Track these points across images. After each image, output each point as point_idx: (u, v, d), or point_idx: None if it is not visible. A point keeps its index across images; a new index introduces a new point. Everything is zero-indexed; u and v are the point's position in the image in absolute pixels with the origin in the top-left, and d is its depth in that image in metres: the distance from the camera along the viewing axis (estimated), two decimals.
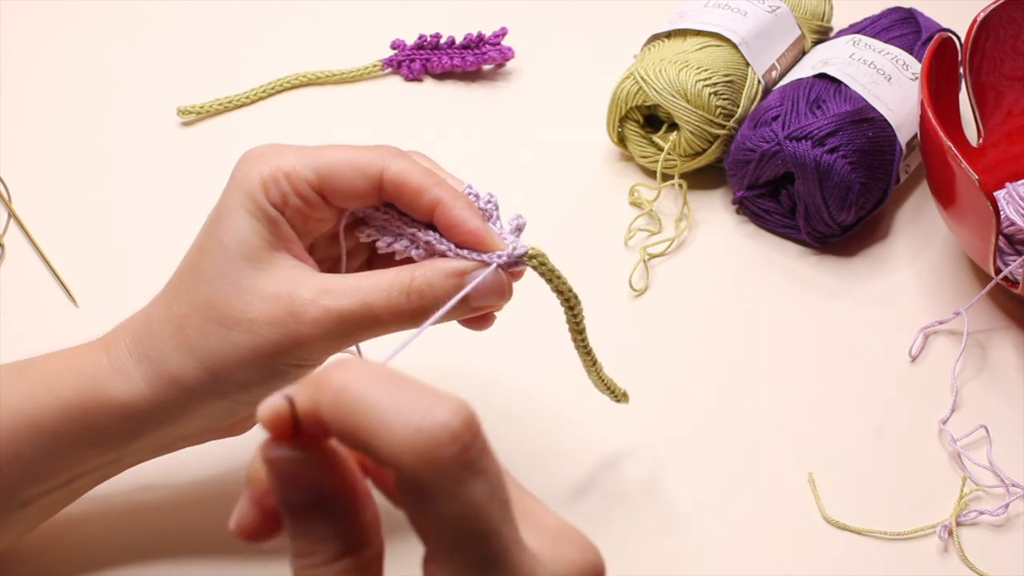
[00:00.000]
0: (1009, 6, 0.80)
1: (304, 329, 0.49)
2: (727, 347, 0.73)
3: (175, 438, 0.54)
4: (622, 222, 0.79)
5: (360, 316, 0.49)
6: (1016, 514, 0.66)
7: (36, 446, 0.51)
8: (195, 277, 0.51)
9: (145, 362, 0.51)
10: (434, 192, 0.50)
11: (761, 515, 0.65)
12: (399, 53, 0.90)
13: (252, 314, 0.49)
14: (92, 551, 0.60)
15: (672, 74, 0.79)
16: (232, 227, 0.50)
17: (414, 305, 0.49)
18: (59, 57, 0.89)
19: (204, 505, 0.62)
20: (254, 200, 0.50)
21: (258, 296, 0.49)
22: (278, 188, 0.50)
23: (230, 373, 0.50)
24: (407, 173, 0.50)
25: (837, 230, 0.78)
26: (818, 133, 0.75)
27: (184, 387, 0.50)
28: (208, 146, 0.84)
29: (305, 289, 0.49)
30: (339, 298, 0.49)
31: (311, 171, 0.50)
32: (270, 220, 0.50)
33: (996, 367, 0.73)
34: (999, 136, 0.81)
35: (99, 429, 0.51)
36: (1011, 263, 0.71)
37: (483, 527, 0.31)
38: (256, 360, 0.50)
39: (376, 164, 0.50)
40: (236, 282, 0.50)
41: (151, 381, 0.51)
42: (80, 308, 0.73)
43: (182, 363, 0.50)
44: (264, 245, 0.50)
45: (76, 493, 0.55)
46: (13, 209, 0.78)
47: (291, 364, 0.50)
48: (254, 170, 0.51)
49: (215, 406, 0.52)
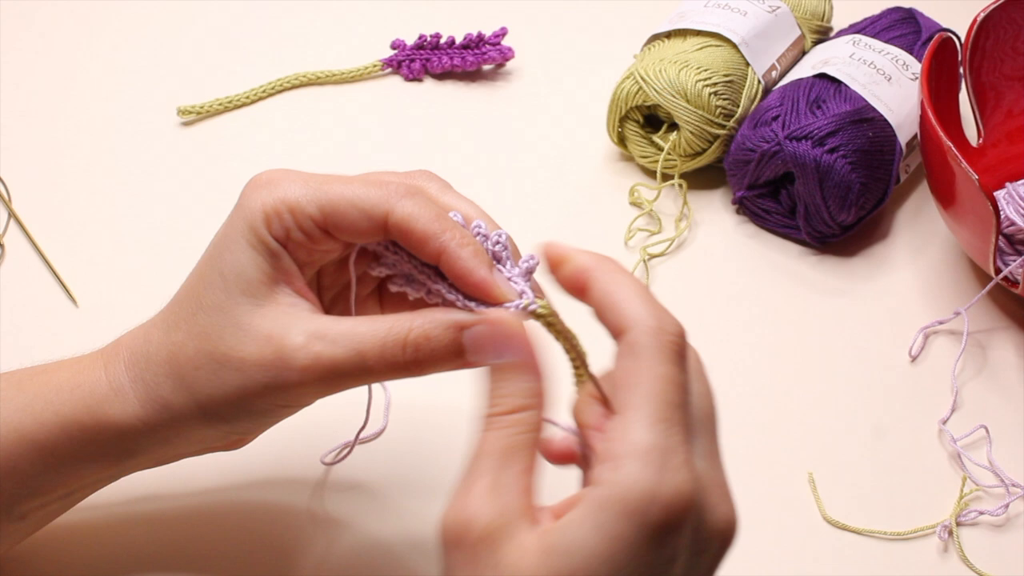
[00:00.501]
0: (1009, 6, 0.80)
1: (293, 376, 0.48)
2: (727, 347, 0.73)
3: (171, 456, 0.54)
4: (622, 222, 0.79)
5: (351, 366, 0.48)
6: (1016, 514, 0.66)
7: (34, 462, 0.51)
8: (194, 306, 0.50)
9: (140, 384, 0.51)
10: (439, 240, 0.48)
11: (761, 515, 0.65)
12: (399, 53, 0.90)
13: (243, 353, 0.49)
14: (90, 560, 0.59)
15: (672, 74, 0.79)
16: (232, 259, 0.50)
17: (408, 358, 0.48)
18: (59, 57, 0.89)
19: (204, 517, 0.62)
20: (256, 232, 0.49)
21: (251, 335, 0.49)
22: (281, 222, 0.49)
23: (218, 408, 0.50)
24: (412, 219, 0.49)
25: (837, 230, 0.78)
26: (818, 133, 0.75)
27: (175, 414, 0.50)
28: (208, 146, 0.84)
29: (298, 332, 0.48)
30: (331, 346, 0.48)
31: (315, 207, 0.49)
32: (271, 253, 0.49)
33: (996, 367, 0.73)
34: (999, 136, 0.81)
35: (97, 446, 0.51)
36: (1011, 263, 0.71)
37: (674, 391, 0.43)
38: (243, 400, 0.49)
39: (381, 207, 0.49)
40: (232, 317, 0.49)
41: (145, 404, 0.51)
42: (80, 308, 0.73)
43: (173, 392, 0.50)
44: (264, 279, 0.49)
45: (72, 503, 0.55)
46: (13, 209, 0.78)
47: (279, 405, 0.50)
48: (258, 201, 0.50)
49: (207, 433, 0.52)
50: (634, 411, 0.42)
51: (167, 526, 0.61)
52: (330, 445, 0.64)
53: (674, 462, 0.41)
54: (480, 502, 0.42)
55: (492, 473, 0.43)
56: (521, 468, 0.44)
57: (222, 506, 0.62)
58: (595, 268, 0.46)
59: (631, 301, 0.45)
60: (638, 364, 0.43)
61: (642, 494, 0.41)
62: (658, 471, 0.41)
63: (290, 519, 0.62)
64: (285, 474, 0.63)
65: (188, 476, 0.61)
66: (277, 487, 0.63)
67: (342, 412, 0.60)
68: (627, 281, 0.46)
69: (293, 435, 0.59)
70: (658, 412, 0.42)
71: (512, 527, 0.42)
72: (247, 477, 0.63)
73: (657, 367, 0.43)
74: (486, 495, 0.43)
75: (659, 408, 0.42)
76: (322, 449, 0.64)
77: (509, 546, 0.42)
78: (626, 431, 0.42)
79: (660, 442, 0.42)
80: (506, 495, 0.43)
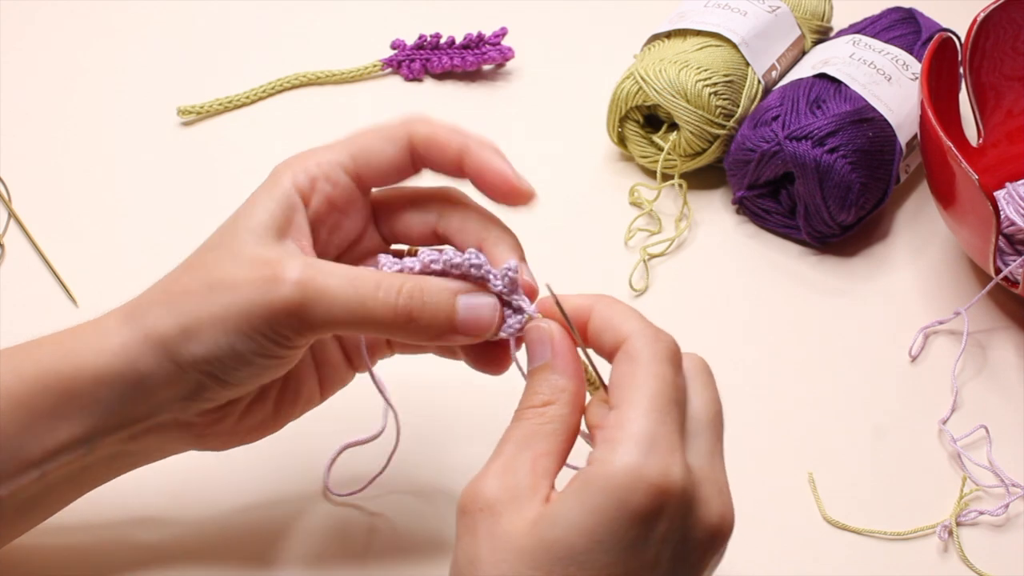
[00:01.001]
0: (1009, 6, 0.80)
1: (283, 291, 0.48)
2: (727, 347, 0.73)
3: (145, 426, 0.52)
4: (622, 222, 0.79)
5: (343, 298, 0.48)
6: (1016, 514, 0.66)
7: (10, 420, 0.50)
8: (201, 248, 0.52)
9: (129, 322, 0.51)
10: (462, 139, 0.52)
11: (761, 515, 0.65)
12: (399, 53, 0.90)
13: (237, 275, 0.49)
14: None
15: (672, 74, 0.79)
16: (249, 207, 0.51)
17: (401, 304, 0.49)
18: (59, 57, 0.89)
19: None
20: (279, 184, 0.51)
21: (248, 260, 0.49)
22: (307, 174, 0.51)
23: (201, 331, 0.49)
24: (434, 130, 0.52)
25: (837, 230, 0.78)
26: (818, 133, 0.75)
27: (154, 343, 0.49)
28: (208, 146, 0.84)
29: (296, 261, 0.49)
30: (328, 276, 0.48)
31: (346, 155, 0.52)
32: (288, 204, 0.51)
33: (996, 367, 0.73)
34: (999, 136, 0.81)
35: (71, 396, 0.50)
36: (1011, 263, 0.71)
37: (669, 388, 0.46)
38: (228, 321, 0.48)
39: (404, 129, 0.52)
40: (233, 249, 0.50)
41: (127, 340, 0.50)
42: (80, 308, 0.73)
43: (158, 318, 0.50)
44: (273, 226, 0.50)
45: (49, 493, 0.53)
46: (13, 209, 0.78)
47: (262, 333, 0.49)
48: (287, 166, 0.52)
49: (182, 379, 0.50)
50: (629, 404, 0.45)
51: (163, 549, 0.60)
52: (328, 448, 0.64)
53: (663, 448, 0.44)
54: (491, 478, 0.45)
55: (508, 455, 0.46)
56: (538, 452, 0.46)
57: (221, 520, 0.62)
58: (595, 300, 0.50)
59: (629, 318, 0.48)
60: (635, 367, 0.46)
61: (627, 473, 0.43)
62: (645, 454, 0.43)
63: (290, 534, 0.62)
64: (286, 475, 0.64)
65: (185, 493, 0.61)
66: (278, 488, 0.63)
67: (342, 417, 0.61)
68: (625, 306, 0.49)
69: (293, 439, 0.59)
70: (652, 403, 0.45)
71: (519, 501, 0.44)
72: (248, 493, 0.63)
73: (654, 367, 0.46)
74: (498, 472, 0.45)
75: (654, 401, 0.45)
76: (322, 453, 0.63)
77: (510, 516, 0.44)
78: (620, 419, 0.45)
79: (652, 429, 0.44)
80: (517, 473, 0.45)
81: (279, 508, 0.62)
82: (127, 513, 0.60)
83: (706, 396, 0.48)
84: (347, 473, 0.63)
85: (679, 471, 0.44)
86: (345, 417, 0.61)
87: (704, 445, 0.47)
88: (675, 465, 0.44)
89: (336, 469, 0.63)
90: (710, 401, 0.48)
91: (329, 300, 0.48)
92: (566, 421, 0.47)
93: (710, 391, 0.49)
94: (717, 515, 0.46)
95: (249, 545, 0.61)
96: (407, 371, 0.59)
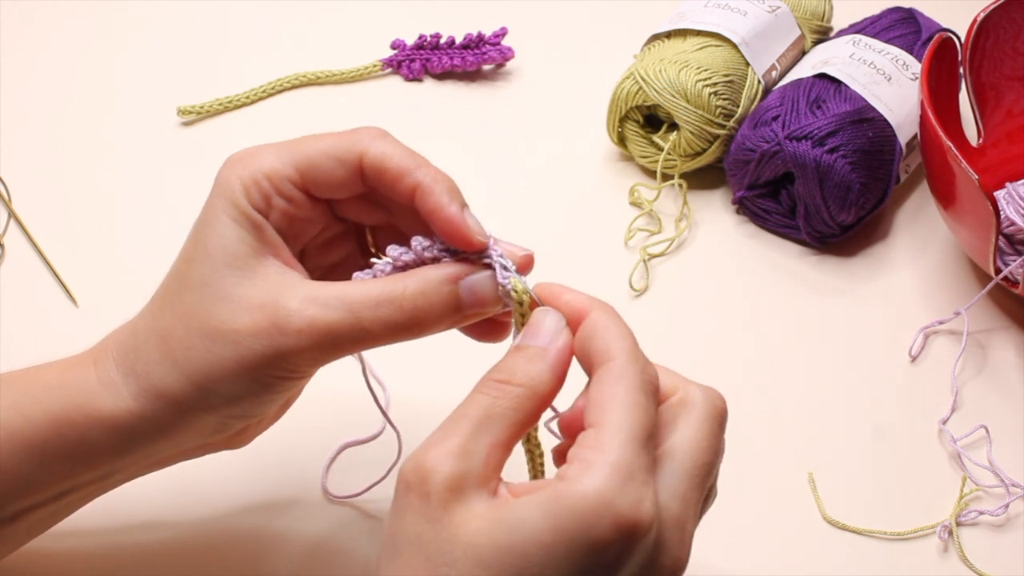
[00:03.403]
0: (1009, 6, 0.80)
1: (289, 341, 0.47)
2: (727, 347, 0.73)
3: (167, 454, 0.52)
4: (622, 222, 0.79)
5: (347, 327, 0.48)
6: (1016, 514, 0.66)
7: (24, 460, 0.50)
8: (180, 286, 0.49)
9: (132, 376, 0.50)
10: (413, 176, 0.49)
11: (761, 515, 0.65)
12: (399, 53, 0.90)
13: (236, 325, 0.48)
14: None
15: (672, 74, 0.79)
16: (216, 235, 0.49)
17: (407, 316, 0.48)
18: (59, 57, 0.89)
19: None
20: (237, 206, 0.49)
21: (242, 306, 0.48)
22: (260, 191, 0.49)
23: (215, 386, 0.48)
24: (386, 157, 0.50)
25: (837, 230, 0.78)
26: (818, 133, 0.75)
27: (170, 401, 0.49)
28: (208, 146, 0.84)
29: (290, 298, 0.48)
30: (326, 309, 0.47)
31: (291, 168, 0.50)
32: (254, 225, 0.49)
33: (996, 367, 0.73)
34: (999, 136, 0.81)
35: (88, 443, 0.50)
36: (1011, 263, 0.71)
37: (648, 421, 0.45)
38: (241, 372, 0.48)
39: (354, 150, 0.50)
40: (220, 290, 0.48)
41: (138, 395, 0.49)
42: (80, 308, 0.73)
43: (167, 377, 0.49)
44: (249, 252, 0.49)
45: (68, 508, 0.54)
46: (13, 209, 0.78)
47: (278, 376, 0.49)
48: (234, 175, 0.50)
49: (204, 421, 0.50)
50: (611, 428, 0.44)
51: (167, 554, 0.61)
52: (329, 449, 0.64)
53: (636, 482, 0.42)
54: (445, 458, 0.43)
55: (464, 436, 0.44)
56: (494, 441, 0.44)
57: (221, 526, 0.62)
58: (595, 305, 0.48)
59: (625, 337, 0.47)
60: (620, 389, 0.45)
61: (599, 500, 0.41)
62: (620, 485, 0.42)
63: (290, 534, 0.62)
64: (286, 475, 0.64)
65: (186, 496, 0.61)
66: (278, 489, 0.63)
67: (341, 418, 0.61)
68: (623, 323, 0.48)
69: (293, 438, 0.59)
70: (633, 433, 0.44)
71: (468, 491, 0.43)
72: (247, 495, 0.63)
73: (638, 396, 0.45)
74: (453, 454, 0.43)
75: (635, 430, 0.44)
76: (322, 453, 0.63)
77: (461, 508, 0.42)
78: (600, 441, 0.43)
79: (629, 460, 0.43)
80: (471, 460, 0.43)
81: (278, 509, 0.62)
82: (126, 513, 0.61)
83: (708, 445, 0.46)
84: (347, 473, 0.63)
85: (649, 511, 0.42)
86: (345, 417, 0.61)
87: (679, 487, 0.45)
88: (646, 501, 0.42)
89: (336, 469, 0.63)
90: (709, 450, 0.46)
91: (335, 334, 0.48)
92: (524, 408, 0.45)
93: (714, 439, 0.47)
94: (672, 559, 0.44)
95: (248, 546, 0.61)
96: (407, 371, 0.60)
